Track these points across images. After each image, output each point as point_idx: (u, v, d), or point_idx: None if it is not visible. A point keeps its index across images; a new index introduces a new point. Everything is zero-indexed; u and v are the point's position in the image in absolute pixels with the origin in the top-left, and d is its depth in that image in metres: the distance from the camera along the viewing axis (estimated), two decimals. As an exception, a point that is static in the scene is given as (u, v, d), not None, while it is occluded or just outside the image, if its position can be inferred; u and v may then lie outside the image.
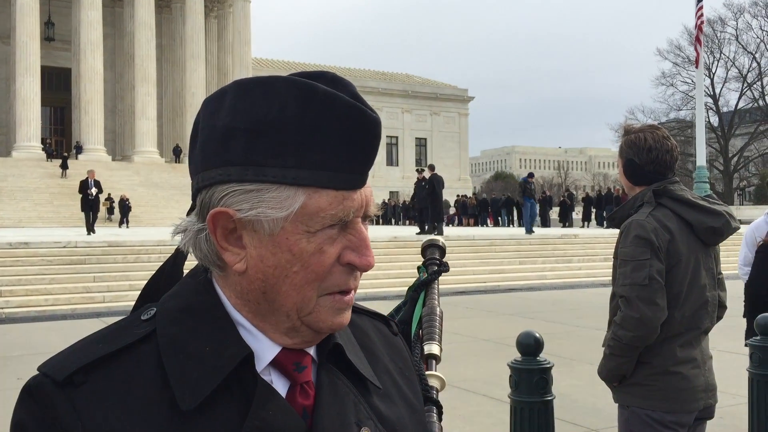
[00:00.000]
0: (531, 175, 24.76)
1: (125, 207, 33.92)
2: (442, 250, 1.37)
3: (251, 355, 0.86)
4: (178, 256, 0.98)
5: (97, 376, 0.82)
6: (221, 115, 0.85)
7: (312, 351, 0.92)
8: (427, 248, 1.37)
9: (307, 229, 0.84)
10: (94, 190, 23.60)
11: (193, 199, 0.90)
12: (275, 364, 0.88)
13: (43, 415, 0.81)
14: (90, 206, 23.29)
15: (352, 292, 0.90)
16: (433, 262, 1.34)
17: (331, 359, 0.93)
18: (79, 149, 45.96)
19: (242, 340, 0.87)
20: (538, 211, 30.59)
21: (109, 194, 34.09)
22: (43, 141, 46.58)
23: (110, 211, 35.34)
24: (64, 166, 40.82)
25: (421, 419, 1.02)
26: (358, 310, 1.05)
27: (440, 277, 1.32)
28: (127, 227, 32.06)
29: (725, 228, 2.87)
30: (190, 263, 0.94)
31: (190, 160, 0.90)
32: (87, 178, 23.93)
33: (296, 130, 0.82)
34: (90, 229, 22.65)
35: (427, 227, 20.80)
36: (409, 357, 1.09)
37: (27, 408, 0.82)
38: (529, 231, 22.06)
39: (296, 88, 0.83)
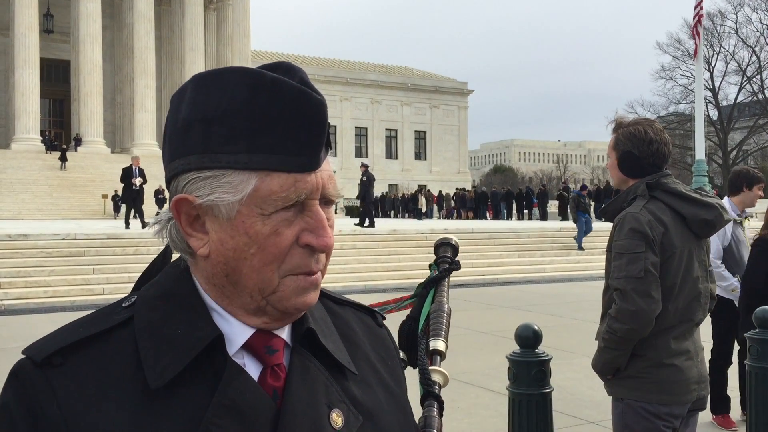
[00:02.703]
0: (584, 188, 22.55)
1: (160, 200, 31.65)
2: (455, 249, 1.38)
3: (221, 337, 0.89)
4: (168, 250, 1.01)
5: (74, 358, 0.87)
6: (182, 108, 0.90)
7: (286, 336, 0.95)
8: (440, 246, 1.39)
9: (261, 212, 0.87)
10: (138, 180, 19.92)
11: (168, 190, 0.94)
12: (247, 347, 0.91)
13: (24, 394, 0.85)
14: (133, 198, 19.97)
15: (318, 273, 0.92)
16: (445, 260, 1.35)
17: (305, 344, 0.95)
18: (78, 141, 45.88)
19: (213, 323, 0.90)
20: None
21: (116, 191, 30.98)
22: (42, 133, 46.53)
23: (117, 208, 33.20)
24: (63, 159, 40.81)
25: (402, 406, 1.03)
26: (342, 302, 1.08)
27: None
28: None
29: (718, 220, 2.89)
30: None
31: (162, 154, 0.94)
32: (131, 165, 20.31)
33: (246, 117, 0.86)
34: (128, 222, 19.41)
35: (367, 220, 21.23)
36: (393, 347, 1.11)
37: (11, 388, 0.86)
38: (581, 248, 19.92)
39: (246, 77, 0.87)
